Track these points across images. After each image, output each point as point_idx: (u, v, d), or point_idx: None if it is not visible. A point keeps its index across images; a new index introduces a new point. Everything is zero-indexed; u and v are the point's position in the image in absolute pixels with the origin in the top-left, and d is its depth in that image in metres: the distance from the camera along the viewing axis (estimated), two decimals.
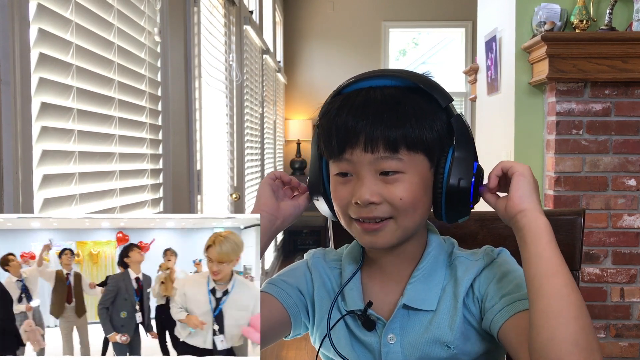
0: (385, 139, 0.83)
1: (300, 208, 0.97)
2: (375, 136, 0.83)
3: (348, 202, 0.86)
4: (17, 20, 1.06)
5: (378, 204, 0.84)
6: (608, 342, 2.73)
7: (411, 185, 0.84)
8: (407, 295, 0.90)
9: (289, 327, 0.97)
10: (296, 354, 3.62)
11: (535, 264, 0.78)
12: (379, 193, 0.84)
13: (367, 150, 0.83)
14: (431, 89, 0.86)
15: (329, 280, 0.98)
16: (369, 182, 0.84)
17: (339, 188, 0.88)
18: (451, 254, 0.94)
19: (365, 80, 0.88)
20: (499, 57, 3.11)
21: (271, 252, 5.29)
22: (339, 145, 0.85)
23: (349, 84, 0.90)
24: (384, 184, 0.84)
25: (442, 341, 0.88)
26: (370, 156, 0.84)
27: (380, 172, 0.84)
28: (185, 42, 2.28)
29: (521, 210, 0.82)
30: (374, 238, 0.87)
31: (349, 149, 0.85)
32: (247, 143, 3.93)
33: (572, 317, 0.74)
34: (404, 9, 6.64)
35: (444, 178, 0.85)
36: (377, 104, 0.84)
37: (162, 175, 1.99)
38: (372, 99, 0.85)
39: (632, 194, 2.71)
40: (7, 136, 1.04)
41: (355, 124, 0.84)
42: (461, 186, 0.84)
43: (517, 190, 0.83)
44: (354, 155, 0.84)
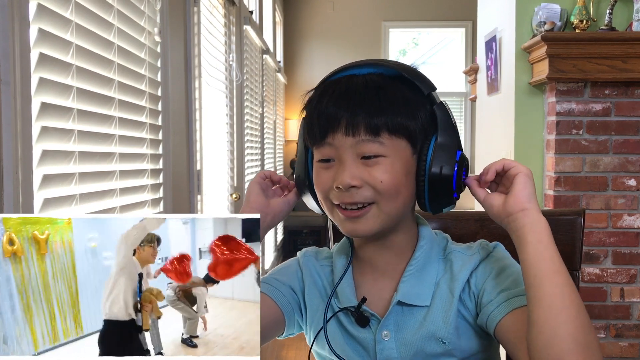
0: (367, 122, 0.83)
1: (290, 203, 0.97)
2: (356, 120, 0.83)
3: (330, 187, 0.86)
4: (17, 20, 1.06)
5: (359, 187, 0.84)
6: (608, 342, 2.73)
7: (393, 168, 0.84)
8: (401, 291, 0.90)
9: (283, 326, 0.97)
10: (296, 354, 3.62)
11: (537, 263, 0.78)
12: (359, 177, 0.84)
13: (348, 134, 0.84)
14: (414, 76, 0.87)
15: (319, 278, 0.98)
16: (350, 165, 0.84)
17: (321, 173, 0.88)
18: (445, 248, 0.94)
19: (348, 69, 0.89)
20: (499, 57, 3.11)
21: (271, 252, 5.29)
22: (320, 131, 0.86)
23: (333, 73, 0.91)
24: (365, 167, 0.84)
25: (436, 337, 0.88)
26: (351, 139, 0.84)
27: (361, 156, 0.84)
28: (185, 42, 2.28)
29: (524, 208, 0.81)
30: (356, 225, 0.86)
31: (330, 134, 0.85)
32: (247, 143, 3.93)
33: (573, 316, 0.74)
34: (404, 9, 6.64)
35: (427, 165, 0.84)
36: (358, 90, 0.85)
37: (162, 175, 1.99)
38: (354, 85, 0.86)
39: (632, 194, 2.71)
40: (7, 136, 1.04)
41: (337, 108, 0.84)
42: (443, 173, 0.84)
43: (522, 189, 0.82)
44: (335, 139, 0.85)
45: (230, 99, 3.28)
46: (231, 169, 3.32)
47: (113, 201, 1.55)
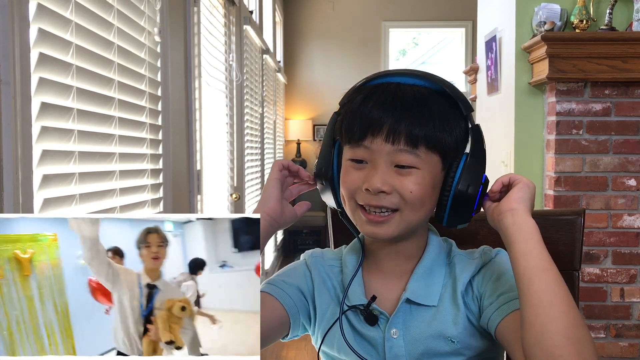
0: (408, 133, 0.84)
1: (296, 217, 0.98)
2: (399, 129, 0.84)
3: (358, 187, 0.88)
4: (17, 20, 1.06)
5: (388, 193, 0.86)
6: (608, 342, 2.73)
7: (423, 180, 0.86)
8: (409, 290, 0.92)
9: (288, 328, 0.97)
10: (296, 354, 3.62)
11: (525, 261, 0.80)
12: (391, 183, 0.86)
13: (389, 140, 0.85)
14: (457, 95, 0.89)
15: (328, 278, 0.99)
16: (383, 171, 0.86)
17: (351, 172, 0.89)
18: (450, 252, 0.97)
19: (393, 76, 0.90)
20: (499, 57, 3.11)
21: (271, 252, 5.29)
22: (360, 131, 0.86)
23: (376, 77, 0.91)
24: (397, 176, 0.86)
25: (445, 336, 0.89)
26: (390, 147, 0.85)
27: (396, 164, 0.86)
28: (185, 42, 2.28)
29: (512, 208, 0.83)
30: (376, 229, 0.88)
31: (369, 137, 0.86)
32: (247, 143, 3.93)
33: (562, 311, 0.75)
34: (404, 9, 6.64)
35: (454, 182, 0.87)
36: (405, 99, 0.86)
37: (162, 175, 1.99)
38: (401, 93, 0.87)
39: (632, 194, 2.71)
40: (7, 136, 1.04)
41: (381, 113, 0.85)
42: (469, 192, 0.86)
43: (516, 192, 0.85)
44: (374, 143, 0.86)
45: (230, 99, 3.28)
46: (231, 169, 3.32)
47: (113, 201, 1.55)
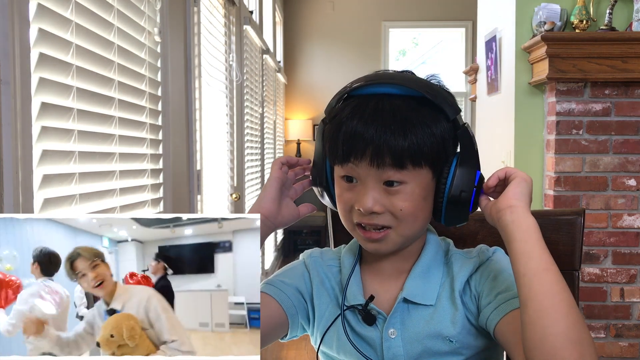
0: (392, 155, 0.83)
1: (298, 217, 0.98)
2: (382, 152, 0.83)
3: (351, 207, 0.88)
4: (17, 20, 1.06)
5: (380, 213, 0.86)
6: (608, 342, 2.73)
7: (412, 195, 0.86)
8: (406, 290, 0.92)
9: (286, 329, 0.97)
10: (296, 354, 3.62)
11: (526, 261, 0.79)
12: (381, 203, 0.86)
13: (373, 165, 0.84)
14: (441, 101, 0.86)
15: (327, 278, 0.99)
16: (373, 191, 0.85)
17: (344, 193, 0.89)
18: (447, 252, 0.97)
19: (374, 85, 0.87)
20: (499, 57, 3.11)
21: (271, 252, 5.29)
22: (344, 154, 0.86)
23: (358, 86, 0.88)
24: (387, 195, 0.85)
25: (443, 335, 0.89)
26: (375, 170, 0.84)
27: (384, 181, 0.85)
28: (185, 42, 2.28)
29: (511, 205, 0.82)
30: (378, 246, 0.90)
31: (354, 160, 0.85)
32: (247, 143, 3.93)
33: (564, 313, 0.75)
34: (404, 9, 6.64)
35: (446, 188, 0.86)
36: (385, 118, 0.83)
37: (162, 175, 1.99)
38: (380, 111, 0.84)
39: (632, 194, 2.71)
40: (7, 136, 1.04)
41: (363, 134, 0.83)
42: (462, 197, 0.86)
43: (514, 188, 0.84)
44: (359, 167, 0.85)
45: (230, 99, 3.28)
46: (231, 169, 3.32)
47: (113, 201, 1.55)
